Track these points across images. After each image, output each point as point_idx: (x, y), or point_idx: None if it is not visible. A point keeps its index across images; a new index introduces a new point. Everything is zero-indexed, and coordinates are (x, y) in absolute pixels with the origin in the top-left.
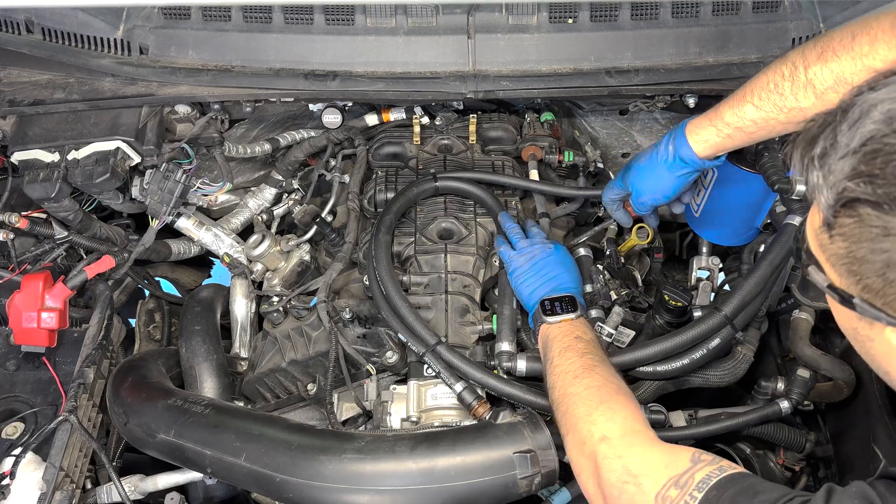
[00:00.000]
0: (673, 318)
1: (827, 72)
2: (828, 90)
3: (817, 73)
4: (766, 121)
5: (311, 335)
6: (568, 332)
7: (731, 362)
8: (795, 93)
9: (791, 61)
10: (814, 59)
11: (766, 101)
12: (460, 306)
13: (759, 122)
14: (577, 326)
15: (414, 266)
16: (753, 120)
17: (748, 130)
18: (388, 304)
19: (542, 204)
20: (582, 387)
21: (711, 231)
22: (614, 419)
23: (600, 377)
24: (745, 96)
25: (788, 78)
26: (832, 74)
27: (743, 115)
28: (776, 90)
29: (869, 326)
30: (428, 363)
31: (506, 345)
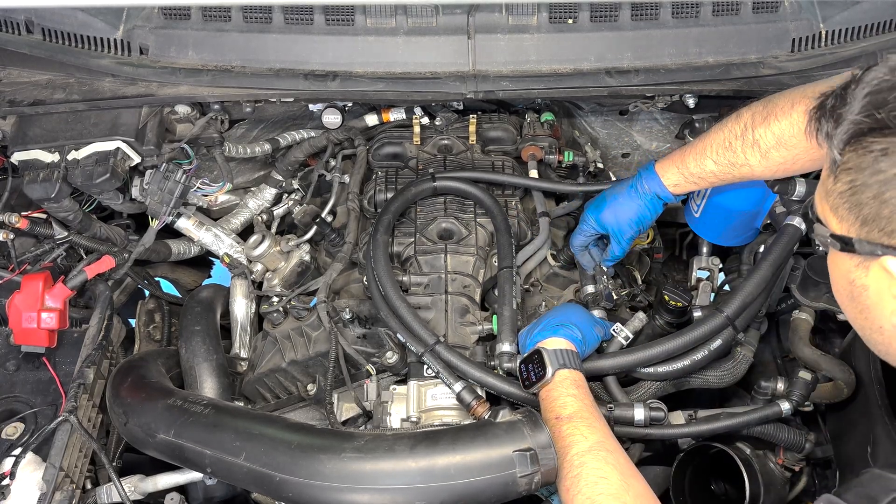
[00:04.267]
0: (673, 318)
1: (770, 134)
2: (771, 150)
3: (762, 135)
4: (724, 173)
5: (311, 335)
6: (547, 406)
7: (731, 363)
8: (745, 151)
9: (743, 122)
10: (759, 121)
11: (722, 156)
12: (460, 306)
13: (719, 174)
14: (553, 398)
15: (414, 266)
16: (713, 172)
17: (710, 180)
18: (386, 304)
19: (542, 203)
20: None
21: (711, 231)
22: None
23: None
24: (706, 150)
25: (740, 137)
26: (774, 136)
27: (704, 168)
28: (730, 148)
29: (865, 273)
30: (427, 363)
31: (506, 345)
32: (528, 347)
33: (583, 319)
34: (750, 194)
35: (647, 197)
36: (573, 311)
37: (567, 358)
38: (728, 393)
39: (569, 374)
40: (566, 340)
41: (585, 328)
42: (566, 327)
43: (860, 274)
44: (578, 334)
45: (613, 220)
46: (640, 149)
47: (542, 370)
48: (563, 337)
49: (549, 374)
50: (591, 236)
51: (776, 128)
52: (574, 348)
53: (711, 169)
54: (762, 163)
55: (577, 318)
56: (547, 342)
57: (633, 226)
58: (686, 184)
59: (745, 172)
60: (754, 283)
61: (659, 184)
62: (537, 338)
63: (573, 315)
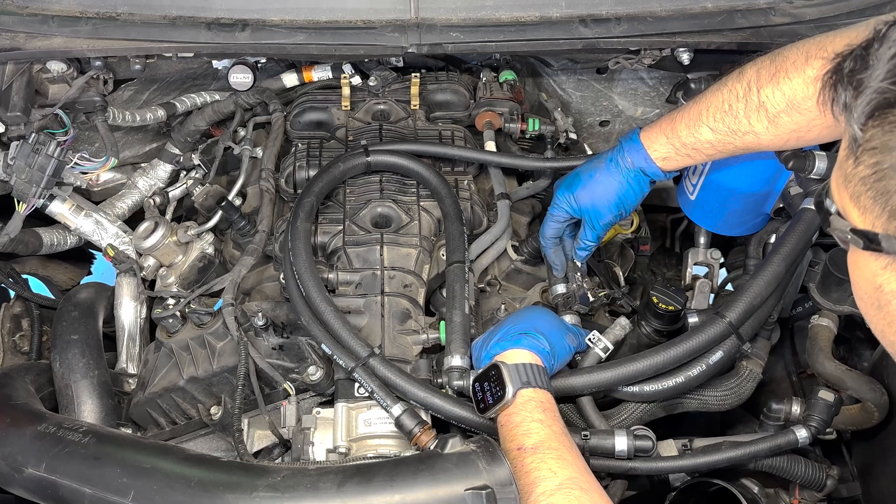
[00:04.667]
0: (663, 325)
1: (779, 95)
2: (780, 114)
3: (769, 96)
4: (723, 143)
5: (216, 346)
6: (508, 433)
7: (736, 380)
8: (749, 115)
9: (746, 80)
10: (767, 79)
11: (720, 122)
12: (399, 310)
13: (717, 145)
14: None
15: (342, 261)
16: (710, 142)
17: (706, 152)
18: (308, 307)
19: (501, 183)
20: None
21: (710, 218)
22: None
23: None
24: (701, 115)
25: (742, 99)
26: (784, 98)
27: (699, 136)
28: (730, 111)
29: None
30: (359, 380)
31: (457, 358)
32: (484, 361)
33: (551, 326)
34: (758, 171)
35: (630, 173)
36: (539, 317)
37: (532, 374)
38: (731, 417)
39: (534, 393)
40: (531, 353)
41: (554, 337)
42: (530, 336)
43: (889, 278)
44: (546, 345)
45: (589, 203)
46: (623, 115)
47: (501, 390)
48: (527, 348)
49: (509, 394)
50: (562, 223)
51: (787, 87)
52: (541, 362)
53: (708, 138)
54: (770, 130)
55: (543, 324)
56: (507, 355)
57: (612, 209)
58: (678, 157)
59: (750, 142)
60: (763, 282)
61: (645, 157)
62: (495, 349)
63: (539, 321)
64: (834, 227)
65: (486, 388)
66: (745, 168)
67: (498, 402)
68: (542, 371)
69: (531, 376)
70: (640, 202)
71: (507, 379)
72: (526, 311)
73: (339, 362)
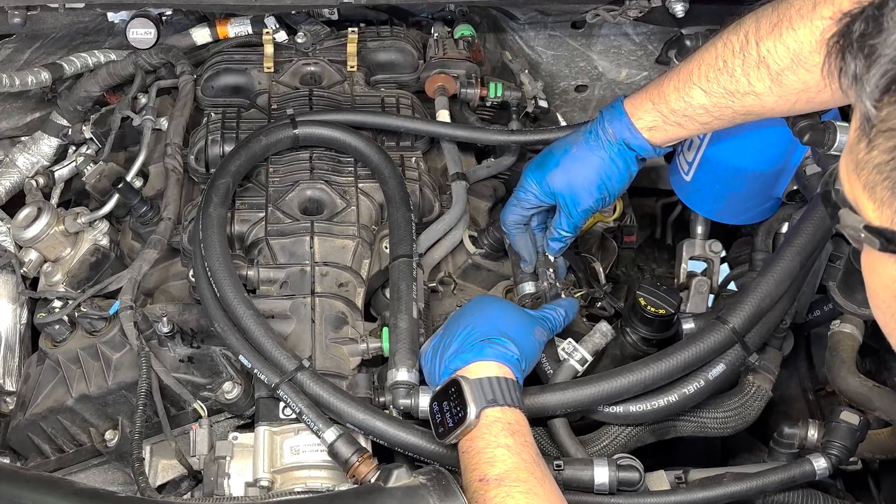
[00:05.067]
0: (652, 332)
1: (782, 48)
2: (784, 71)
3: (771, 50)
4: (720, 108)
5: (111, 358)
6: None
7: (740, 399)
8: (747, 73)
9: (744, 31)
10: (767, 30)
11: (714, 82)
12: (333, 315)
13: (713, 110)
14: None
15: (264, 255)
16: (703, 107)
17: (700, 119)
18: (224, 311)
19: (457, 160)
20: None
21: (709, 202)
22: None
23: None
24: (692, 74)
25: (739, 53)
26: (788, 52)
27: (690, 100)
28: (726, 69)
29: None
30: (285, 399)
31: (403, 372)
32: (444, 376)
33: (516, 324)
34: (766, 145)
35: (612, 148)
36: (499, 314)
37: (498, 389)
38: (735, 444)
39: (500, 413)
40: (497, 363)
41: (522, 337)
42: (495, 343)
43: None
44: (514, 350)
45: (565, 185)
46: (603, 79)
47: (462, 410)
48: (494, 359)
49: (471, 414)
50: (531, 210)
51: (790, 39)
52: (511, 374)
53: (701, 102)
54: (773, 90)
55: (507, 323)
56: (470, 369)
57: (593, 193)
58: (666, 126)
59: (751, 105)
60: (773, 281)
61: (629, 128)
62: (455, 363)
63: (501, 320)
64: (844, 223)
65: (446, 408)
66: (750, 141)
67: (459, 425)
68: (512, 385)
69: (498, 392)
70: (627, 184)
71: (468, 397)
72: (479, 307)
73: (260, 377)
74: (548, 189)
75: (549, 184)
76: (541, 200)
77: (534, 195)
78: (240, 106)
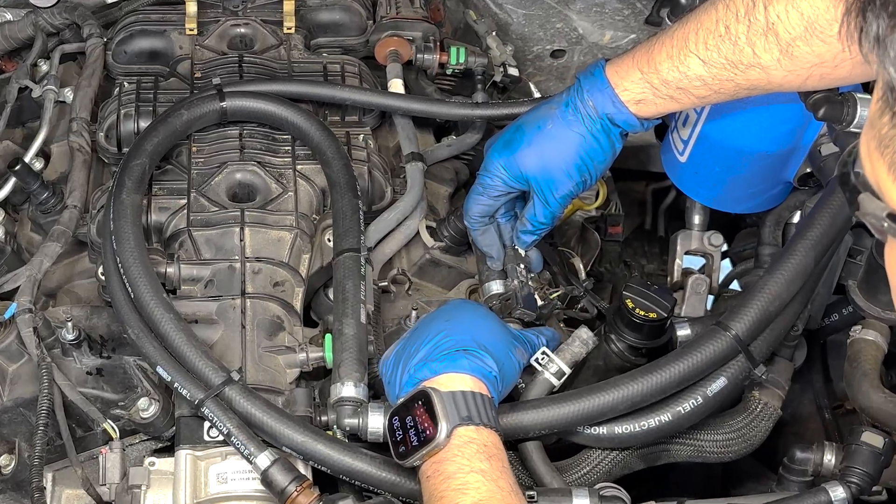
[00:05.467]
0: (641, 339)
1: (795, 15)
2: (796, 41)
3: (781, 16)
4: (720, 81)
5: (7, 370)
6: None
7: (744, 419)
8: (753, 42)
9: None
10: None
11: (714, 51)
12: (268, 319)
13: (710, 83)
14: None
15: (187, 249)
16: (701, 78)
17: (697, 93)
18: (139, 315)
19: (412, 138)
20: None
21: (708, 187)
22: None
23: None
24: (688, 40)
25: (744, 18)
26: (801, 18)
27: (686, 71)
28: (728, 36)
29: None
30: (210, 418)
31: (349, 387)
32: (407, 387)
33: (496, 337)
34: (775, 121)
35: (594, 123)
36: (477, 322)
37: (475, 406)
38: (739, 471)
39: (476, 434)
40: (472, 377)
41: (501, 353)
42: (472, 355)
43: None
44: (492, 366)
45: (537, 166)
46: (584, 42)
47: (431, 427)
48: (469, 372)
49: (441, 432)
50: (498, 198)
51: (805, 3)
52: (486, 391)
53: (698, 73)
54: (783, 63)
55: (486, 334)
56: (440, 381)
57: (573, 175)
58: (657, 100)
59: (756, 80)
60: (783, 280)
61: (613, 101)
62: (421, 373)
63: (479, 329)
64: (864, 210)
65: (410, 424)
66: (756, 116)
67: (425, 444)
68: (489, 403)
69: (473, 409)
70: (609, 164)
71: (439, 412)
72: (455, 312)
73: (181, 392)
74: (518, 172)
75: (519, 166)
76: (510, 186)
77: (502, 180)
78: (158, 74)
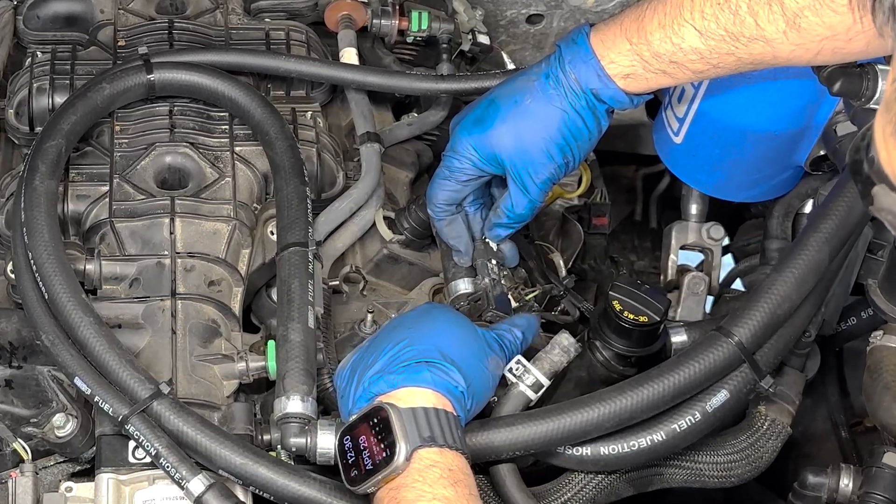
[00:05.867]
0: (630, 346)
1: None
2: (804, 11)
3: None
4: (718, 55)
5: None
6: None
7: (748, 438)
8: (755, 12)
9: None
10: None
11: (713, 21)
12: (202, 324)
13: (708, 56)
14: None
15: (109, 243)
16: (697, 52)
17: (693, 66)
18: (54, 319)
19: (367, 116)
20: None
21: (707, 172)
22: None
23: None
24: (683, 8)
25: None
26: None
27: (681, 43)
28: (727, 4)
29: None
30: (136, 437)
31: (295, 401)
32: (361, 402)
33: (465, 347)
34: (783, 96)
35: (577, 98)
36: (444, 329)
37: (438, 425)
38: (743, 497)
39: (439, 457)
40: (435, 392)
41: (471, 366)
42: (436, 367)
43: None
44: (459, 380)
45: (513, 146)
46: (565, 6)
47: (388, 448)
48: (430, 386)
49: (400, 454)
50: (467, 182)
51: None
52: (452, 408)
53: (694, 45)
54: (789, 36)
55: (453, 343)
56: (397, 395)
57: (553, 155)
58: (647, 74)
59: (759, 54)
60: (793, 279)
61: (599, 74)
62: (378, 386)
63: (445, 338)
64: (879, 204)
65: (363, 444)
66: (762, 91)
67: (382, 468)
68: (454, 421)
69: (437, 428)
70: (594, 145)
71: (397, 431)
72: (420, 319)
73: (103, 407)
74: (490, 153)
75: (492, 146)
76: (480, 170)
77: (471, 162)
78: (75, 42)
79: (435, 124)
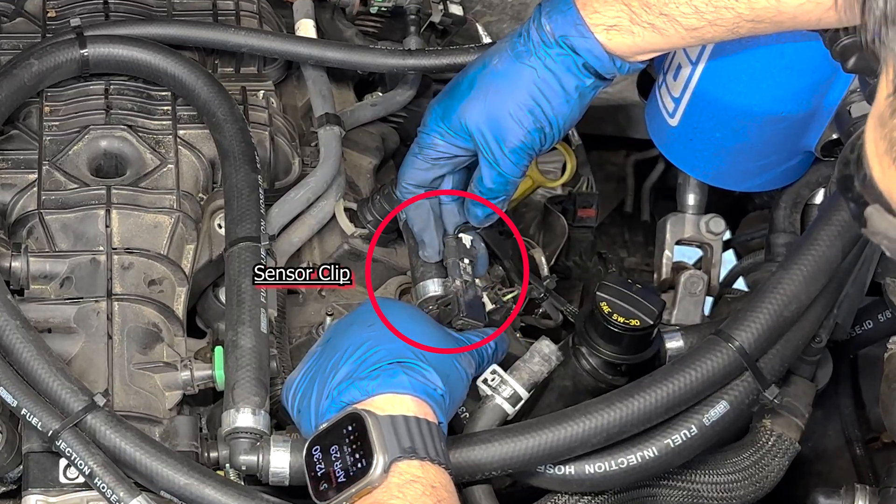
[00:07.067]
0: (620, 353)
1: None
2: None
3: None
4: (716, 8)
5: None
6: None
7: (752, 455)
8: None
9: None
10: None
11: None
12: (141, 328)
13: (704, 10)
14: None
15: (37, 237)
16: (696, 8)
17: (687, 23)
18: None
19: (326, 96)
20: None
21: (705, 159)
22: None
23: None
24: None
25: None
26: None
27: None
28: None
29: None
30: (68, 454)
31: (245, 414)
32: (330, 413)
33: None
34: (790, 75)
35: (548, 51)
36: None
37: (420, 435)
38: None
39: (420, 471)
40: (415, 398)
41: (446, 366)
42: (410, 369)
43: None
44: (437, 381)
45: (483, 116)
46: None
47: (364, 459)
48: (409, 391)
49: (377, 466)
50: (437, 160)
51: None
52: (433, 416)
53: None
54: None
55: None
56: (373, 402)
57: (522, 119)
58: (635, 28)
59: (763, 10)
60: (802, 278)
61: (575, 21)
62: (349, 393)
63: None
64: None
65: (335, 455)
66: (767, 68)
67: (356, 481)
68: (437, 432)
69: (418, 439)
70: (576, 113)
71: (375, 440)
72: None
73: (30, 421)
74: (459, 125)
75: (460, 116)
76: (452, 145)
77: (440, 137)
78: (0, 13)
79: (402, 105)
